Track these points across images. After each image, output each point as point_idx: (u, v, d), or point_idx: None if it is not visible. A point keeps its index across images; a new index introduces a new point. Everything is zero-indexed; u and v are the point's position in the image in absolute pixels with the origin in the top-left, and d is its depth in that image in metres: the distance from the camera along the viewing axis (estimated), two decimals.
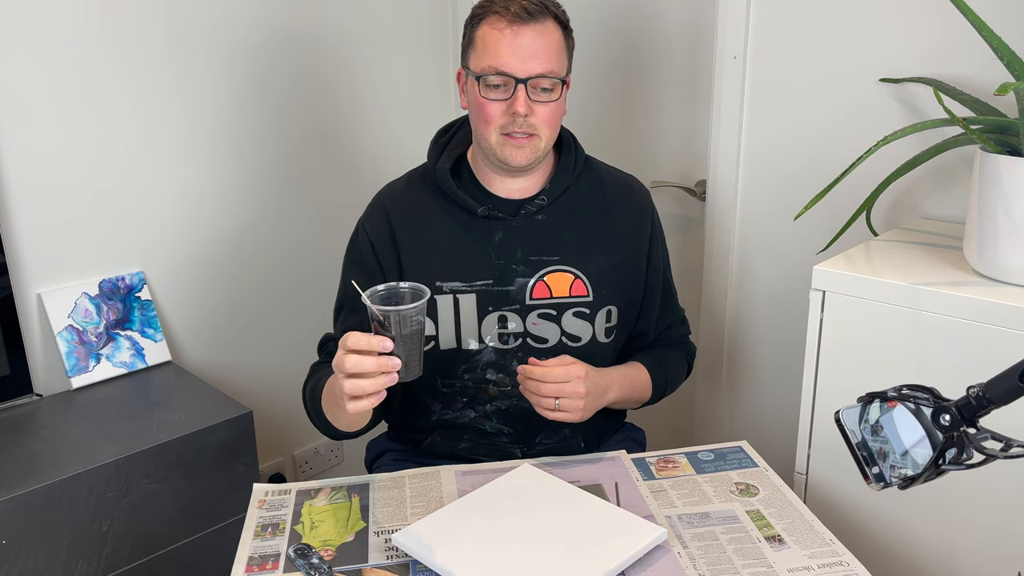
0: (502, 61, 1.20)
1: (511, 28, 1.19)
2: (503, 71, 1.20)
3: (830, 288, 1.30)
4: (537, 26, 1.20)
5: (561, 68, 1.24)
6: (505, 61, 1.20)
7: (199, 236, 1.90)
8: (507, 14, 1.20)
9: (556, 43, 1.22)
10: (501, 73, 1.20)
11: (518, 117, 1.21)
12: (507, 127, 1.23)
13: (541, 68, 1.20)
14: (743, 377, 1.95)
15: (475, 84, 1.23)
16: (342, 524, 1.13)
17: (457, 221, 1.31)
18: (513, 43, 1.19)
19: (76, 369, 1.69)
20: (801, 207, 1.58)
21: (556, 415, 1.20)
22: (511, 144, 1.24)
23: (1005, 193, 1.17)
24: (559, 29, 1.24)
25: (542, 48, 1.20)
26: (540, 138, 1.24)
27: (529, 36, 1.19)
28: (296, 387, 2.13)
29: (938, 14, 1.48)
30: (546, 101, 1.23)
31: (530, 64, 1.20)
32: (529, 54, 1.20)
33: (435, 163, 1.34)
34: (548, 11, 1.22)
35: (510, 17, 1.19)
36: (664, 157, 2.03)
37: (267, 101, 1.96)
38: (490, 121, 1.23)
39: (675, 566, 1.03)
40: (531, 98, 1.21)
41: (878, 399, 0.83)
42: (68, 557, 1.40)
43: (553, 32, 1.22)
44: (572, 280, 1.31)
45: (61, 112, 1.65)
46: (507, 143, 1.24)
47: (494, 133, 1.24)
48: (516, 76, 1.20)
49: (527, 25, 1.19)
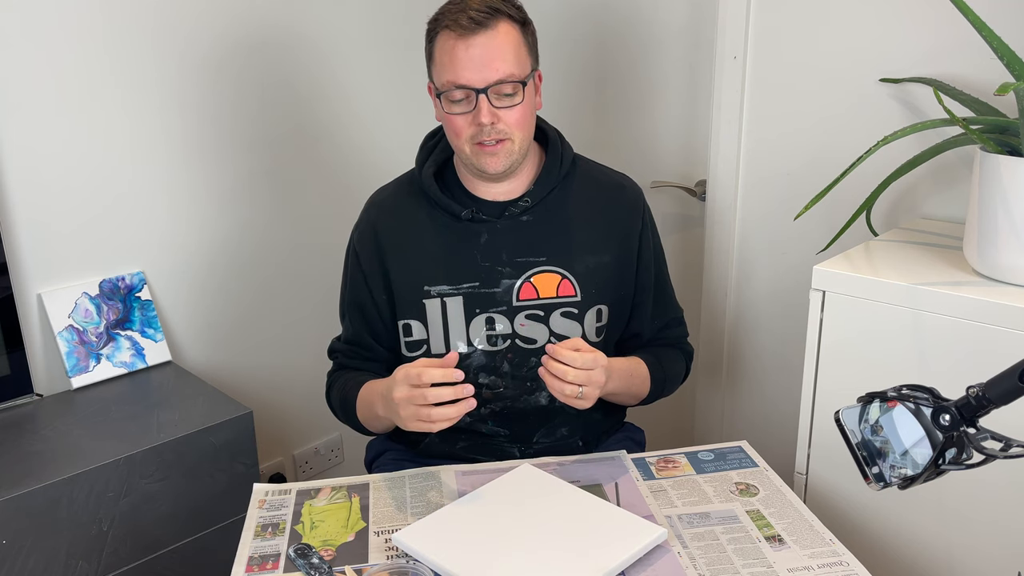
0: (459, 75, 1.19)
1: (463, 40, 1.19)
2: (461, 84, 1.20)
3: (830, 288, 1.31)
4: (488, 32, 1.19)
5: (522, 69, 1.22)
6: (462, 74, 1.19)
7: (199, 236, 1.90)
8: (456, 27, 1.19)
9: (512, 45, 1.21)
10: (460, 87, 1.20)
11: (484, 127, 1.21)
12: (477, 137, 1.23)
13: (498, 75, 1.19)
14: (743, 377, 1.95)
15: (439, 100, 1.24)
16: (342, 524, 1.13)
17: (443, 225, 1.32)
18: (466, 55, 1.19)
19: (76, 369, 1.69)
20: (801, 207, 1.58)
21: (575, 402, 1.15)
22: (484, 153, 1.24)
23: (1005, 193, 1.17)
24: (514, 28, 1.22)
25: (497, 54, 1.19)
26: (513, 141, 1.24)
27: (481, 45, 1.19)
28: (296, 387, 2.15)
29: (938, 14, 1.48)
30: (510, 105, 1.22)
31: (486, 72, 1.19)
32: (484, 63, 1.19)
33: (421, 168, 1.35)
34: (500, 12, 1.20)
35: (459, 30, 1.19)
36: (664, 157, 2.03)
37: (268, 101, 1.96)
38: (459, 134, 1.24)
39: (675, 566, 1.03)
40: (495, 105, 1.21)
41: (878, 399, 0.83)
42: (68, 557, 1.40)
43: (507, 34, 1.21)
44: (559, 280, 1.31)
45: (61, 113, 1.65)
46: (480, 152, 1.24)
47: (466, 144, 1.24)
48: (475, 87, 1.19)
49: (477, 34, 1.18)
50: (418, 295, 1.31)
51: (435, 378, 1.07)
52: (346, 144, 2.16)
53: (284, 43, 1.97)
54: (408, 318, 1.32)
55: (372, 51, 2.15)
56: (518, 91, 1.22)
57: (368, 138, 2.20)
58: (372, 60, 2.16)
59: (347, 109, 2.13)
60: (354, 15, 2.10)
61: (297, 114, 2.03)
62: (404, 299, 1.32)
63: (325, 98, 2.08)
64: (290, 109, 2.01)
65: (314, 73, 2.05)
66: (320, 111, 2.08)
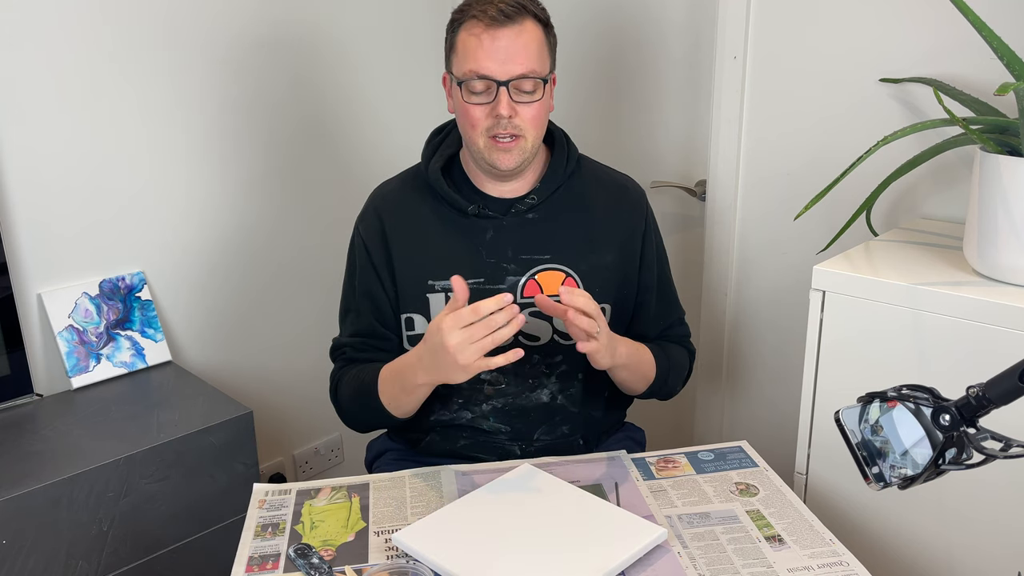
0: (482, 65, 1.20)
1: (489, 31, 1.20)
2: (484, 75, 1.20)
3: (830, 288, 1.31)
4: (515, 27, 1.20)
5: (543, 67, 1.24)
6: (485, 65, 1.20)
7: (199, 236, 1.90)
8: (484, 17, 1.20)
9: (536, 42, 1.22)
10: (482, 77, 1.21)
11: (502, 119, 1.22)
12: (492, 130, 1.23)
13: (521, 69, 1.21)
14: (743, 377, 1.95)
15: (458, 89, 1.24)
16: (342, 524, 1.13)
17: (449, 220, 1.32)
18: (492, 46, 1.20)
19: (76, 369, 1.69)
20: (801, 207, 1.59)
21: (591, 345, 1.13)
22: (498, 148, 1.24)
23: (1005, 193, 1.17)
24: (539, 28, 1.24)
25: (521, 49, 1.20)
26: (526, 139, 1.25)
27: (508, 38, 1.20)
28: (296, 387, 2.15)
29: (938, 14, 1.48)
30: (529, 101, 1.23)
31: (510, 66, 1.20)
32: (508, 56, 1.20)
33: (427, 163, 1.35)
34: (526, 11, 1.22)
35: (487, 20, 1.20)
36: (664, 157, 2.03)
37: (267, 101, 1.96)
38: (475, 125, 1.24)
39: (675, 566, 1.03)
40: (514, 99, 1.22)
41: (878, 399, 0.83)
42: (68, 557, 1.40)
43: (532, 32, 1.22)
44: (563, 278, 1.31)
45: (62, 113, 1.65)
46: (494, 147, 1.24)
47: (481, 137, 1.25)
48: (497, 79, 1.20)
49: (505, 27, 1.20)
50: (422, 289, 1.31)
51: (491, 308, 1.06)
52: (348, 145, 2.16)
53: (284, 44, 1.97)
54: (411, 311, 1.32)
55: (375, 52, 2.15)
56: (538, 88, 1.23)
57: (371, 140, 2.20)
58: (372, 61, 2.16)
59: (350, 111, 2.13)
60: (353, 15, 2.10)
61: (299, 115, 2.03)
62: (407, 293, 1.32)
63: (326, 99, 2.08)
64: (291, 110, 2.01)
65: (314, 74, 2.05)
66: (322, 112, 2.08)
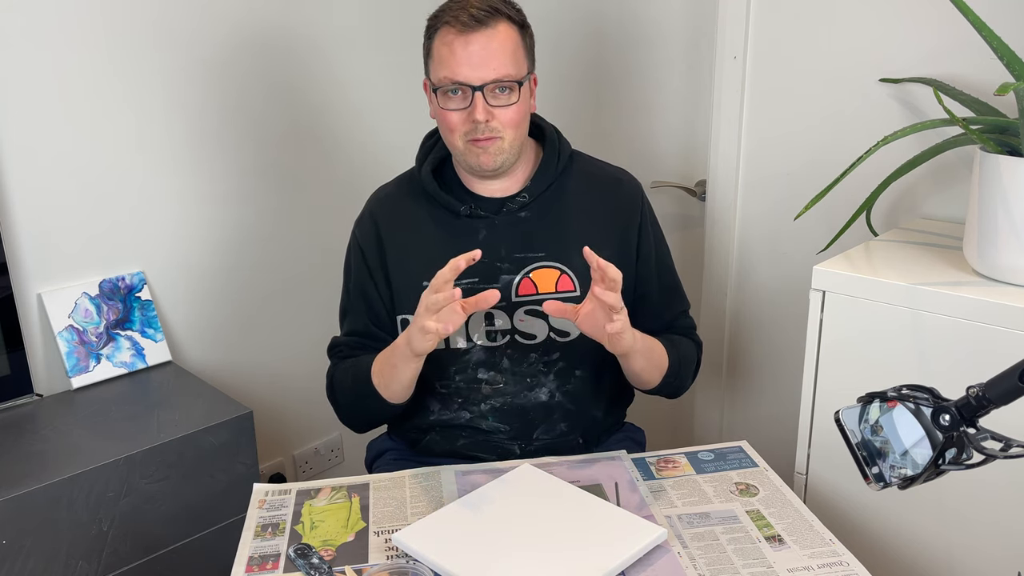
0: (456, 71, 1.21)
1: (462, 37, 1.20)
2: (458, 80, 1.21)
3: (830, 288, 1.31)
4: (488, 31, 1.20)
5: (518, 70, 1.24)
6: (458, 71, 1.20)
7: (199, 236, 1.90)
8: (457, 23, 1.20)
9: (510, 45, 1.22)
10: (457, 83, 1.21)
11: (479, 124, 1.22)
12: (470, 133, 1.24)
13: (495, 74, 1.21)
14: (743, 377, 1.95)
15: (435, 95, 1.25)
16: (342, 524, 1.13)
17: (442, 222, 1.33)
18: (465, 52, 1.20)
19: (76, 369, 1.69)
20: (801, 207, 1.58)
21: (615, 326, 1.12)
22: (476, 149, 1.25)
23: (1005, 193, 1.17)
24: (513, 29, 1.24)
25: (495, 53, 1.21)
26: (503, 139, 1.25)
27: (480, 42, 1.20)
28: (296, 387, 2.15)
29: (938, 14, 1.48)
30: (506, 104, 1.23)
31: (483, 71, 1.20)
32: (481, 60, 1.20)
33: (420, 166, 1.36)
34: (499, 13, 1.22)
35: (459, 26, 1.20)
36: (664, 157, 2.03)
37: (269, 102, 1.96)
38: (454, 130, 1.25)
39: (675, 566, 1.03)
40: (490, 103, 1.22)
41: (878, 399, 0.83)
42: (68, 557, 1.40)
43: (506, 34, 1.22)
44: (558, 276, 1.31)
45: (61, 113, 1.65)
46: (472, 149, 1.25)
47: (460, 141, 1.25)
48: (471, 84, 1.21)
49: (477, 31, 1.20)
50: (417, 291, 1.30)
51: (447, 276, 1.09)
52: (347, 145, 2.16)
53: (283, 45, 1.97)
54: (406, 313, 1.32)
55: (373, 52, 2.15)
56: (514, 91, 1.23)
57: (369, 139, 2.20)
58: (373, 61, 2.16)
59: (347, 110, 2.13)
60: (349, 17, 2.10)
61: (298, 115, 2.03)
62: (402, 294, 1.32)
63: (326, 99, 2.08)
64: (291, 110, 2.01)
65: (316, 74, 2.05)
66: (321, 112, 2.08)
